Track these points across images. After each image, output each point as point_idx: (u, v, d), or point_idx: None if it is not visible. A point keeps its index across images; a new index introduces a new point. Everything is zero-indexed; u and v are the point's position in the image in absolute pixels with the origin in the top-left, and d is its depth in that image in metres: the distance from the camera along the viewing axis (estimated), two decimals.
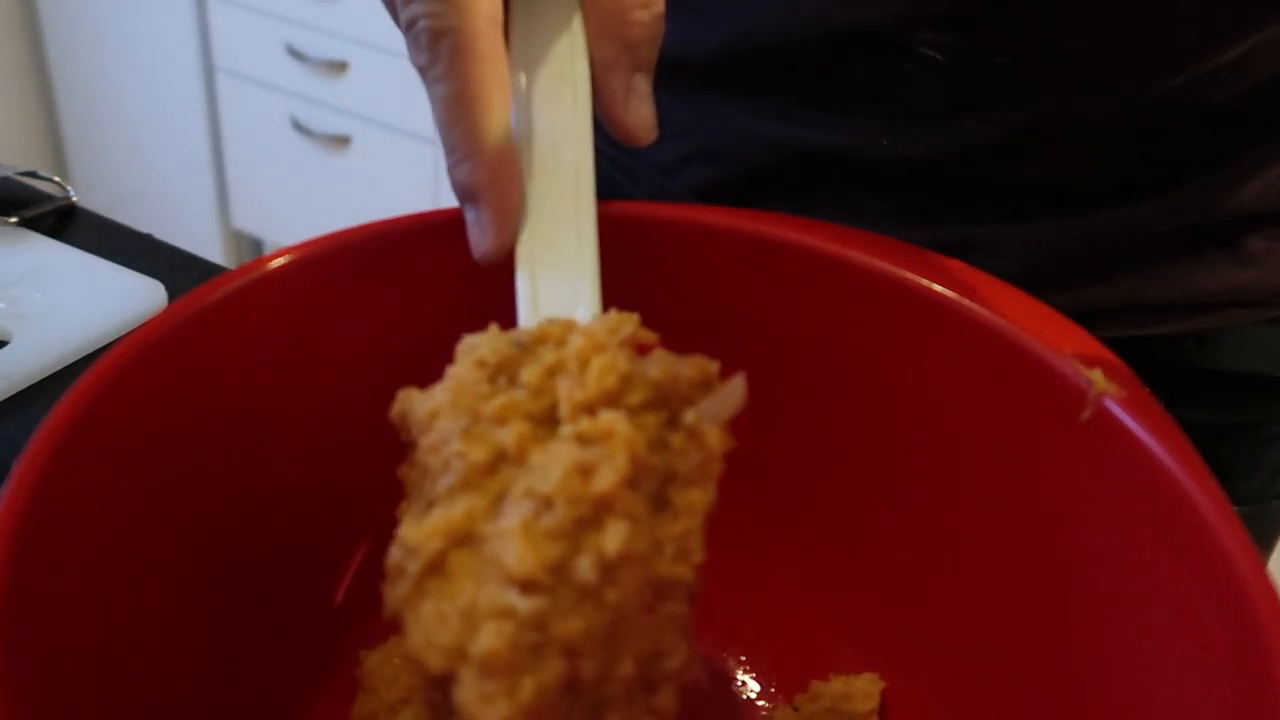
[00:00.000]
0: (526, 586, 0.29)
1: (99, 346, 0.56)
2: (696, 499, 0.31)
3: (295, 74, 1.82)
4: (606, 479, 0.29)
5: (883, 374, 0.40)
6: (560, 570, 0.29)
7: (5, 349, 0.55)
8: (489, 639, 0.29)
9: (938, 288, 0.38)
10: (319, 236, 0.38)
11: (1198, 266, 0.49)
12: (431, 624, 0.30)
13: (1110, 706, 0.34)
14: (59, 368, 0.55)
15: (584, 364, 0.32)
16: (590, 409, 0.31)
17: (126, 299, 0.60)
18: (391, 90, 1.73)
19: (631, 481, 0.30)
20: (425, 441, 0.33)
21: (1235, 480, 0.53)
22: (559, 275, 0.36)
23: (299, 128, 1.87)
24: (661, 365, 0.32)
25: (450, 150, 0.35)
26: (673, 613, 0.31)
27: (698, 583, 0.33)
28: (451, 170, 0.35)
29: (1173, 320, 0.50)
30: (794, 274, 0.40)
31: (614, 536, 0.29)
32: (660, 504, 0.32)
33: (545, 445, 0.31)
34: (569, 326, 0.34)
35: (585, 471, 0.29)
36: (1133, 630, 0.33)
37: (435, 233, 0.39)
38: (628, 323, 0.33)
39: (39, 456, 0.30)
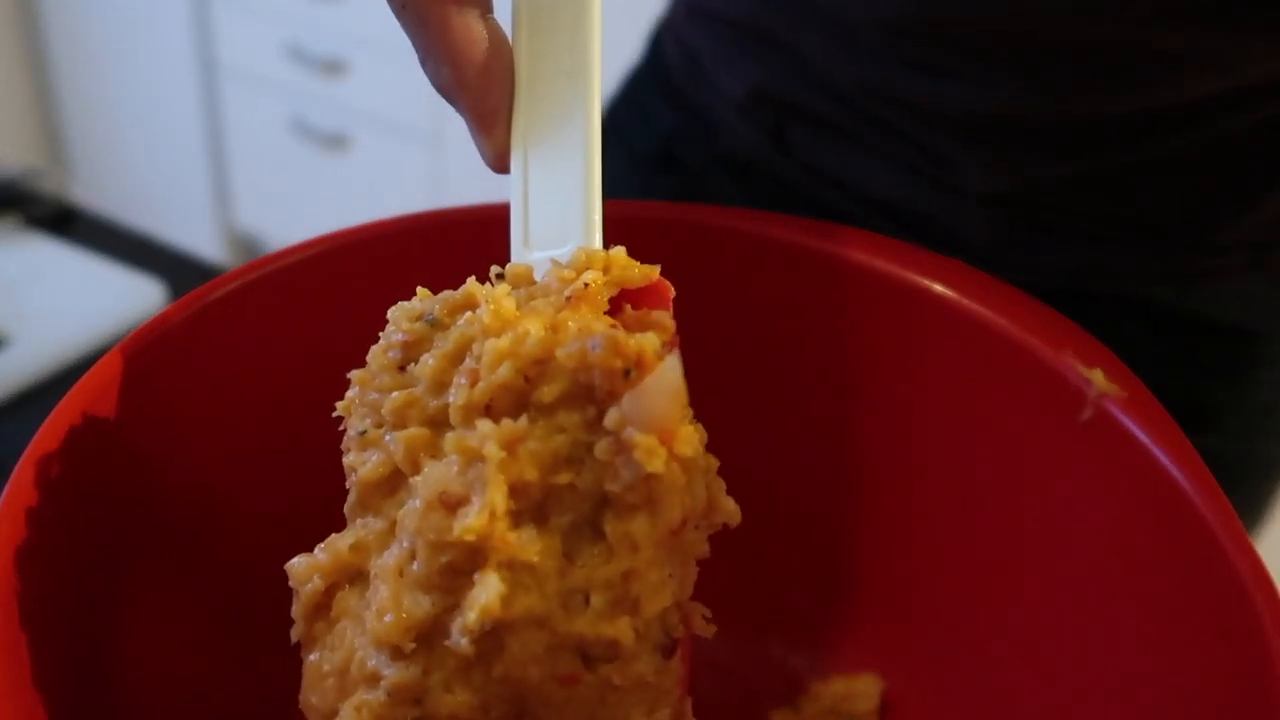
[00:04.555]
0: (394, 652, 0.23)
1: (99, 346, 0.56)
2: (639, 529, 0.23)
3: (295, 74, 1.82)
4: (471, 521, 0.22)
5: (882, 374, 0.40)
6: (433, 633, 0.23)
7: (5, 349, 0.55)
8: (349, 717, 0.23)
9: (938, 288, 0.38)
10: (319, 236, 0.38)
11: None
12: (311, 678, 0.25)
13: (1110, 706, 0.34)
14: (59, 368, 0.55)
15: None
16: (486, 410, 0.23)
17: (126, 299, 0.61)
18: (391, 90, 1.73)
19: (525, 514, 0.23)
20: (343, 445, 0.27)
21: (1223, 416, 0.53)
22: (553, 186, 0.28)
23: (299, 128, 1.86)
24: (574, 348, 0.23)
25: (413, 46, 0.29)
26: (611, 680, 0.24)
27: (682, 624, 0.26)
28: (421, 67, 0.30)
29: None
30: (794, 274, 0.40)
31: (485, 595, 0.22)
32: (594, 534, 0.24)
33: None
34: (523, 276, 0.26)
35: (449, 506, 0.22)
36: (1132, 629, 0.33)
37: (435, 233, 0.39)
38: (599, 265, 0.26)
39: (39, 456, 0.30)
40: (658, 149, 0.59)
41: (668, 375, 0.23)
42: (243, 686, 0.38)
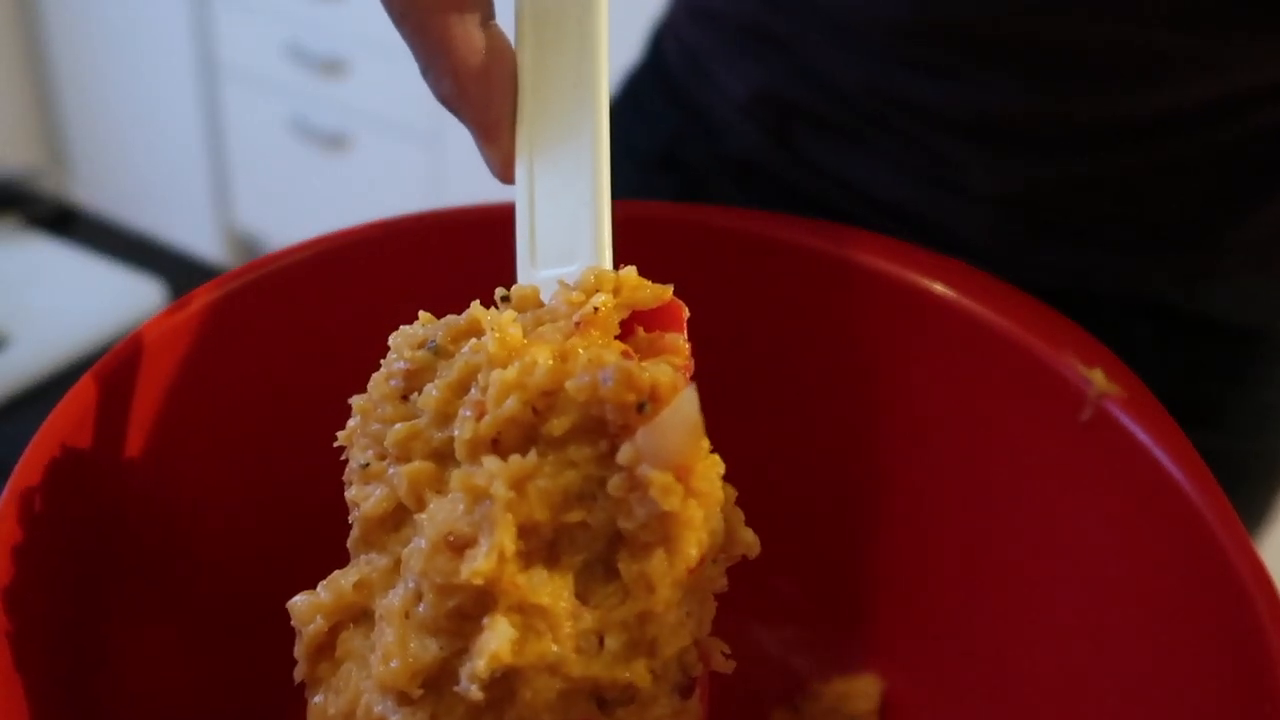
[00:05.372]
0: (401, 698, 0.22)
1: (99, 346, 0.56)
2: (655, 569, 0.22)
3: (295, 74, 1.82)
4: (479, 564, 0.21)
5: (882, 374, 0.40)
6: (441, 679, 0.22)
7: (5, 349, 0.55)
8: None
9: (938, 288, 0.38)
10: (319, 236, 0.38)
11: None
12: None
13: (1110, 706, 0.34)
14: (59, 368, 0.55)
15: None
16: (493, 445, 0.23)
17: (126, 299, 0.61)
18: (391, 90, 1.73)
19: (536, 554, 0.22)
20: (344, 477, 0.26)
21: (1225, 416, 0.53)
22: (561, 200, 0.27)
23: (299, 128, 1.86)
24: (584, 381, 0.22)
25: (413, 56, 0.29)
26: None
27: (701, 663, 0.25)
28: (422, 77, 0.29)
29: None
30: (794, 274, 0.40)
31: (495, 641, 0.21)
32: (608, 573, 0.23)
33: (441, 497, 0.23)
34: (529, 299, 0.26)
35: (456, 548, 0.21)
36: (1132, 630, 0.33)
37: (435, 233, 0.39)
38: (609, 286, 0.25)
39: (40, 456, 0.30)
40: (659, 149, 0.59)
41: (684, 409, 0.22)
42: (239, 701, 0.38)
